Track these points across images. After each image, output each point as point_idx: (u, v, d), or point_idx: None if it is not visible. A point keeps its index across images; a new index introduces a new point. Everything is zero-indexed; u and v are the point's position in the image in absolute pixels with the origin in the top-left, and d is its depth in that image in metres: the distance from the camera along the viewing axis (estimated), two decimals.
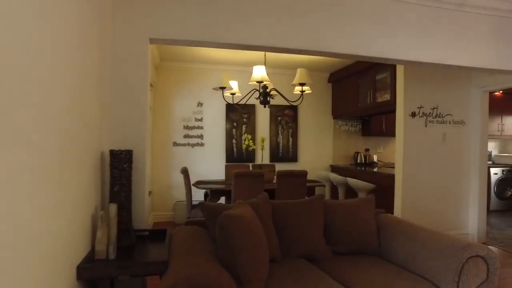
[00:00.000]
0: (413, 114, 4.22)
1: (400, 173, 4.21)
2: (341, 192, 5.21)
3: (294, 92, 4.35)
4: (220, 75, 5.24)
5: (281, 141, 5.98)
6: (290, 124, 6.02)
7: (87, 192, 1.85)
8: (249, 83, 3.91)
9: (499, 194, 6.75)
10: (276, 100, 5.68)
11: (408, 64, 3.02)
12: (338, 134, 6.23)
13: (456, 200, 4.47)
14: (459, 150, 4.47)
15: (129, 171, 2.14)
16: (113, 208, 1.91)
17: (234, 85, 4.46)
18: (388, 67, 4.57)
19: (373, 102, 4.83)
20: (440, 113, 4.36)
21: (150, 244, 2.19)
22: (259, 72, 3.73)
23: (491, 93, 7.21)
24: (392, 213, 4.32)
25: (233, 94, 4.47)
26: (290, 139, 6.01)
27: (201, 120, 5.79)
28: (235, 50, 4.86)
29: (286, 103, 5.97)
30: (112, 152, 2.08)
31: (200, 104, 5.77)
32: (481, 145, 4.48)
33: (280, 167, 5.82)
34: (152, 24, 2.36)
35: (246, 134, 4.71)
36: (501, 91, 7.12)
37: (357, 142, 6.32)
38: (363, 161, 6.08)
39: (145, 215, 2.40)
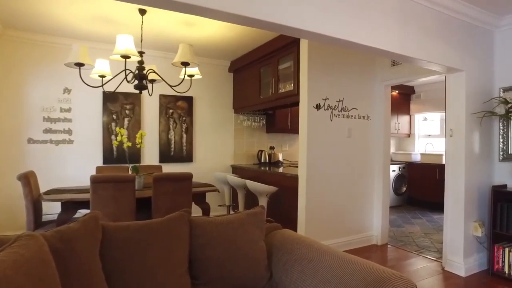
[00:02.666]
0: (318, 106, 3.74)
1: (304, 172, 3.69)
2: (240, 196, 4.54)
3: (181, 77, 3.50)
4: (93, 53, 4.12)
5: (173, 137, 5.06)
6: (184, 118, 5.14)
7: None
8: (110, 57, 2.94)
9: (396, 190, 6.92)
10: (167, 89, 4.79)
11: (305, 35, 2.43)
12: (240, 130, 5.57)
13: (361, 200, 4.16)
14: (364, 147, 4.17)
15: None
16: None
17: (102, 65, 3.42)
18: (291, 54, 4.03)
19: (276, 93, 4.26)
20: (345, 106, 3.98)
21: None
22: (124, 43, 2.78)
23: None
24: (296, 218, 3.79)
25: (102, 76, 3.43)
26: (184, 135, 5.14)
27: (69, 110, 4.54)
28: (107, 21, 3.82)
29: (178, 94, 5.12)
30: None
31: (67, 91, 4.52)
32: (385, 141, 4.26)
33: (171, 168, 4.92)
34: None
35: (118, 128, 3.69)
36: (397, 92, 7.39)
37: (261, 139, 5.76)
38: (267, 160, 5.54)
39: None
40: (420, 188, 6.89)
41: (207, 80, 5.33)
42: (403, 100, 7.57)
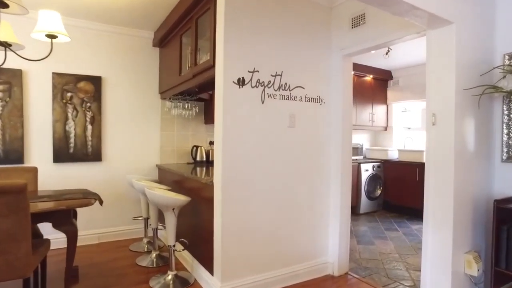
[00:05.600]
0: (241, 82, 2.55)
1: (219, 177, 2.50)
2: (152, 206, 3.33)
3: (32, 35, 2.27)
4: None
5: (72, 129, 3.80)
6: (89, 105, 3.88)
7: None
8: None
9: (369, 194, 5.83)
10: (64, 66, 3.59)
11: None
12: (169, 120, 4.35)
13: (310, 215, 3.00)
14: (315, 141, 3.01)
15: None
16: None
17: None
18: (209, 11, 2.81)
19: (193, 67, 3.05)
20: (286, 83, 2.80)
21: None
22: None
23: (361, 77, 6.34)
24: (212, 248, 2.60)
25: None
26: (89, 127, 3.88)
27: None
28: None
29: (80, 72, 3.88)
30: None
31: None
32: (344, 133, 3.10)
33: (68, 170, 3.72)
34: None
35: None
36: (372, 77, 6.27)
37: (198, 133, 4.55)
38: (204, 159, 4.34)
39: None
40: (397, 191, 5.81)
41: (122, 55, 4.09)
42: (379, 87, 6.47)
